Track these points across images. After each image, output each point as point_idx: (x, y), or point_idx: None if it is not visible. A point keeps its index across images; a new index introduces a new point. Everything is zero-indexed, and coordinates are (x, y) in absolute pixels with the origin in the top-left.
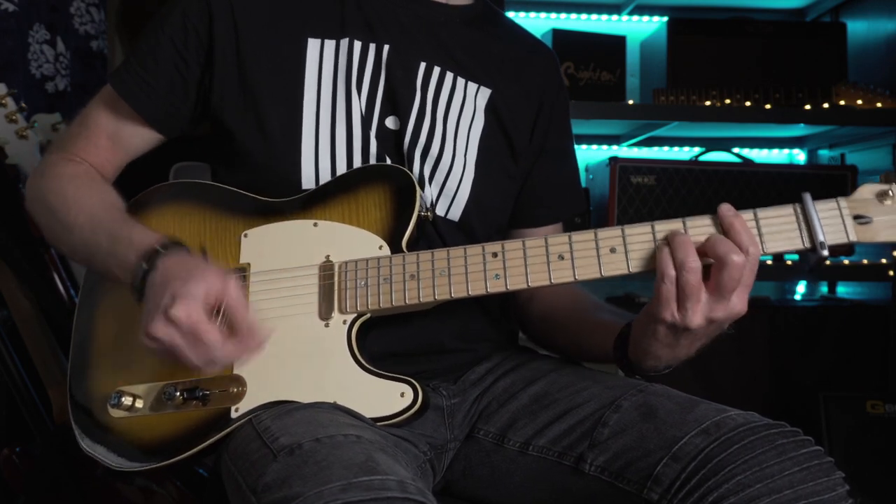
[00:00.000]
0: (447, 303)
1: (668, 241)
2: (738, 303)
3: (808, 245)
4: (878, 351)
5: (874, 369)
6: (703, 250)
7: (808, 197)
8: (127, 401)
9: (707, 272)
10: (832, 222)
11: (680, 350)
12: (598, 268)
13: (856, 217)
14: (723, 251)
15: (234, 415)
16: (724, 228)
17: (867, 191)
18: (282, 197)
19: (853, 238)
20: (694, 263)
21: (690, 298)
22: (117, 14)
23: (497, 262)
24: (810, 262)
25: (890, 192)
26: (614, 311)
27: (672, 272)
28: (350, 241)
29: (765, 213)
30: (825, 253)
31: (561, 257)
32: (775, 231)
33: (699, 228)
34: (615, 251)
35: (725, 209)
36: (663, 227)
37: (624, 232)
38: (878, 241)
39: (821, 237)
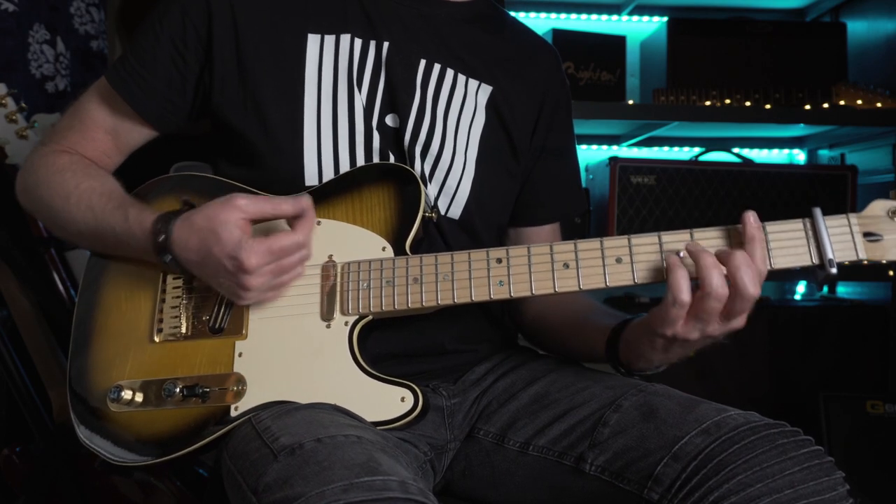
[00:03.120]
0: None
1: (694, 256)
2: (738, 321)
3: (816, 262)
4: (878, 351)
5: (874, 369)
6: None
7: (818, 212)
8: (126, 395)
9: None
10: (842, 239)
11: (672, 356)
12: (603, 277)
13: (866, 234)
14: (743, 281)
15: (233, 413)
16: (744, 239)
17: (878, 207)
18: (284, 194)
19: (862, 256)
20: (724, 290)
21: (704, 321)
22: (117, 14)
23: (501, 268)
24: (818, 279)
25: None
26: (606, 311)
27: (687, 298)
28: (353, 241)
29: (773, 228)
30: (834, 271)
31: (566, 266)
32: (784, 246)
33: (705, 242)
34: (621, 261)
35: (751, 219)
36: (670, 238)
37: (630, 242)
38: (888, 260)
39: (830, 254)
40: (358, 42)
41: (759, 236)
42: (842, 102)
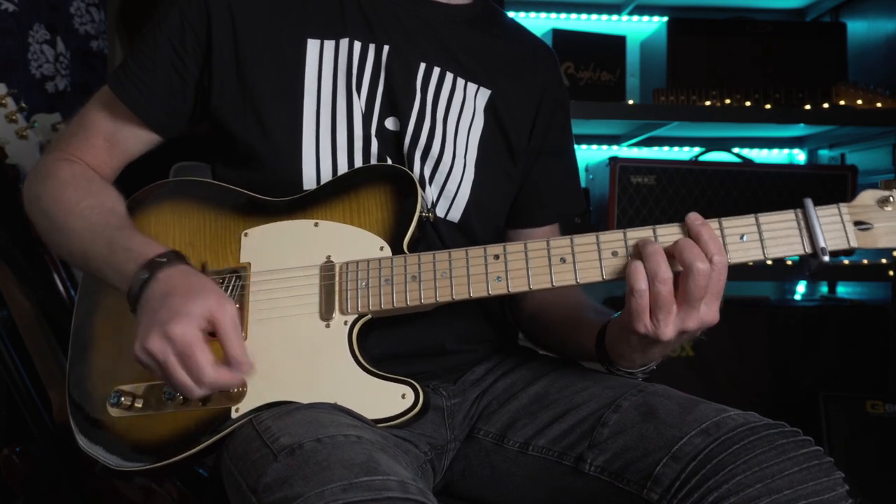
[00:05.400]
0: (448, 304)
1: (640, 250)
2: (707, 312)
3: (809, 251)
4: (878, 351)
5: (874, 369)
6: (670, 253)
7: (809, 202)
8: (126, 400)
9: (676, 282)
10: (833, 228)
11: (653, 355)
12: (599, 271)
13: (856, 223)
14: (689, 259)
15: (234, 415)
16: (691, 237)
17: (868, 196)
18: (283, 197)
19: (854, 244)
20: (666, 274)
21: (662, 310)
22: (117, 14)
23: (499, 264)
24: (811, 268)
25: (891, 198)
26: (599, 309)
27: (642, 286)
28: (351, 241)
29: (766, 219)
30: (826, 259)
31: (563, 260)
32: (777, 236)
33: (672, 236)
34: (617, 254)
35: (693, 218)
36: (665, 231)
37: (626, 235)
38: (879, 248)
39: (822, 243)
40: (357, 45)
41: (704, 231)
42: (842, 102)
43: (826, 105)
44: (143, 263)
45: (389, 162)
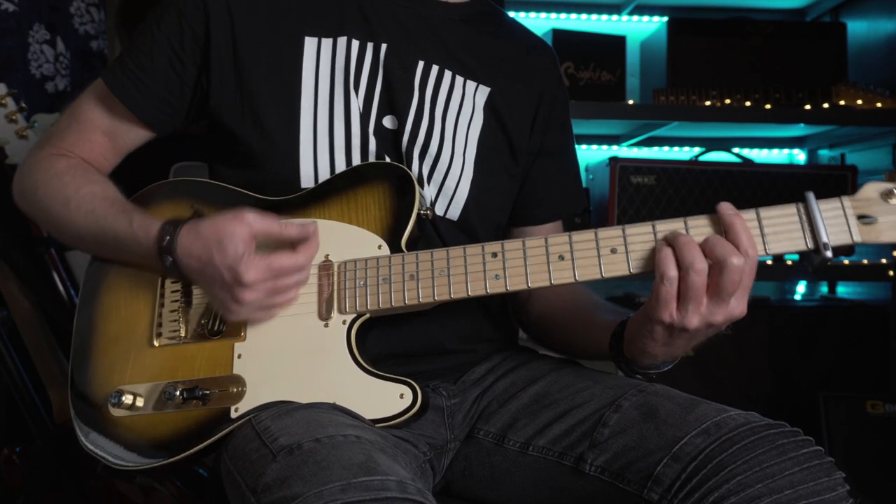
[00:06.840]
0: (447, 303)
1: (671, 241)
2: (737, 306)
3: (811, 246)
4: (878, 351)
5: (874, 369)
6: (702, 250)
7: (811, 196)
8: (127, 400)
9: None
10: (836, 222)
11: (676, 349)
12: (598, 268)
13: (860, 217)
14: (722, 253)
15: (233, 414)
16: (723, 228)
17: (871, 189)
18: (281, 196)
19: (857, 239)
20: (701, 265)
21: (693, 300)
22: (117, 14)
23: (497, 262)
24: (814, 264)
25: (895, 191)
26: (611, 308)
27: (673, 273)
28: (349, 240)
29: (767, 213)
30: (829, 254)
31: (561, 257)
32: (778, 231)
33: (699, 228)
34: (616, 251)
35: (726, 207)
36: (664, 227)
37: (625, 232)
38: (882, 242)
39: (825, 238)
40: (355, 44)
41: (737, 222)
42: (842, 102)
43: (826, 105)
44: (156, 251)
45: (388, 160)
